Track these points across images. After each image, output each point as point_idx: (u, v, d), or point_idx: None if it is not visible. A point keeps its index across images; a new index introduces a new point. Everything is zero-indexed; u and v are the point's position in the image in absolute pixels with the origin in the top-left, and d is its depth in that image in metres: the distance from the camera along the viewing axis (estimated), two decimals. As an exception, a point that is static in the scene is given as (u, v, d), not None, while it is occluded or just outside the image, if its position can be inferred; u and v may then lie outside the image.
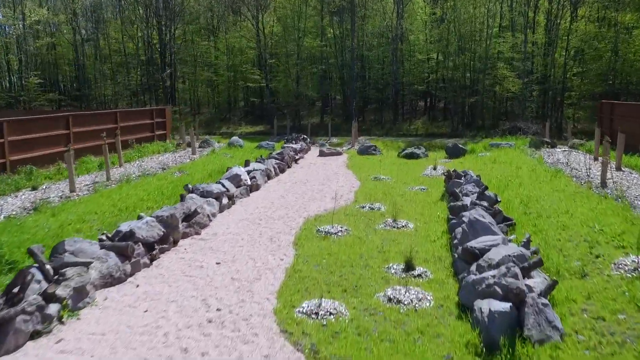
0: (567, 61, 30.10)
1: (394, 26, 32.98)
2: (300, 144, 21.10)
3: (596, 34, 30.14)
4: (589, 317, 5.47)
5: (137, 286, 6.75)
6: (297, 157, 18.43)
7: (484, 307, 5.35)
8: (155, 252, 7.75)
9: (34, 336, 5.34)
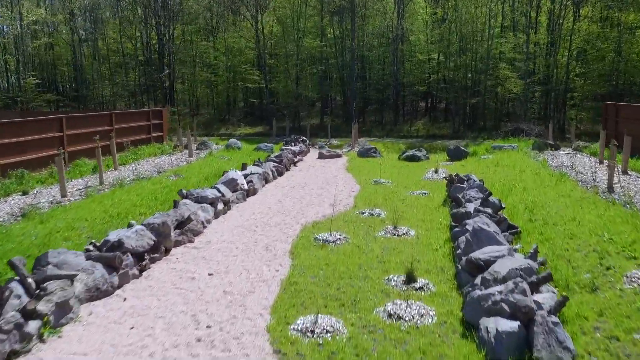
0: (569, 62, 29.73)
1: (395, 26, 32.63)
2: (299, 146, 20.77)
3: (599, 34, 29.77)
4: (601, 337, 5.14)
5: (125, 300, 6.43)
6: (295, 160, 18.10)
7: (491, 326, 5.03)
8: (145, 262, 7.43)
9: (12, 357, 5.03)
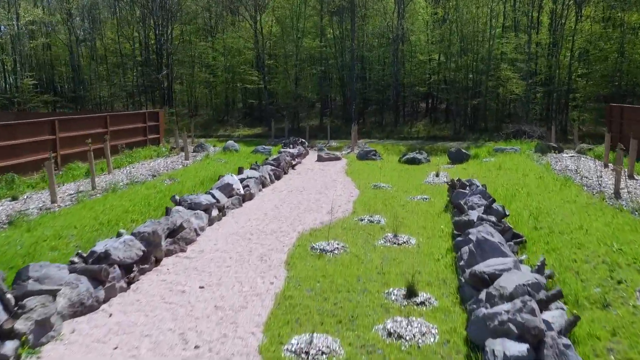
0: (571, 62, 29.38)
1: (395, 26, 32.30)
2: (297, 148, 20.44)
3: (601, 34, 29.43)
4: None
5: (110, 315, 6.10)
6: (294, 163, 17.77)
7: (498, 348, 4.69)
8: (133, 274, 7.10)
9: (-15, 381, 4.71)
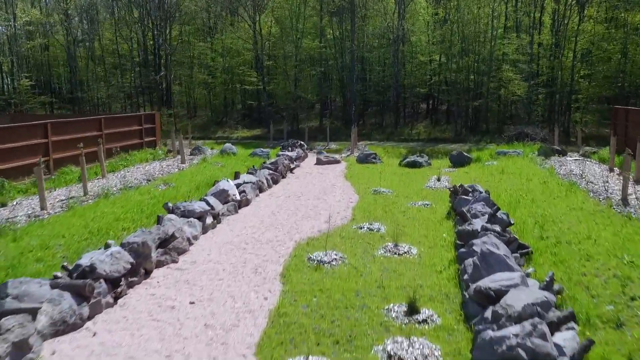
0: (574, 63, 29.02)
1: (395, 27, 31.96)
2: (296, 151, 20.10)
3: (604, 35, 29.08)
4: (633, 388, 4.48)
5: (94, 335, 5.77)
6: (292, 166, 17.42)
7: (506, 377, 4.37)
8: (120, 288, 6.76)
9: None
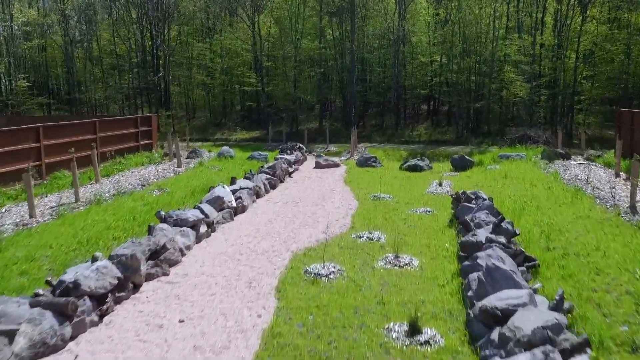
0: (577, 64, 28.68)
1: (396, 27, 31.63)
2: (295, 154, 19.76)
3: (607, 36, 28.75)
4: (654, 422, 4.13)
5: (76, 357, 5.43)
6: (291, 170, 17.09)
7: (516, 411, 4.02)
8: (107, 305, 6.42)
9: None
